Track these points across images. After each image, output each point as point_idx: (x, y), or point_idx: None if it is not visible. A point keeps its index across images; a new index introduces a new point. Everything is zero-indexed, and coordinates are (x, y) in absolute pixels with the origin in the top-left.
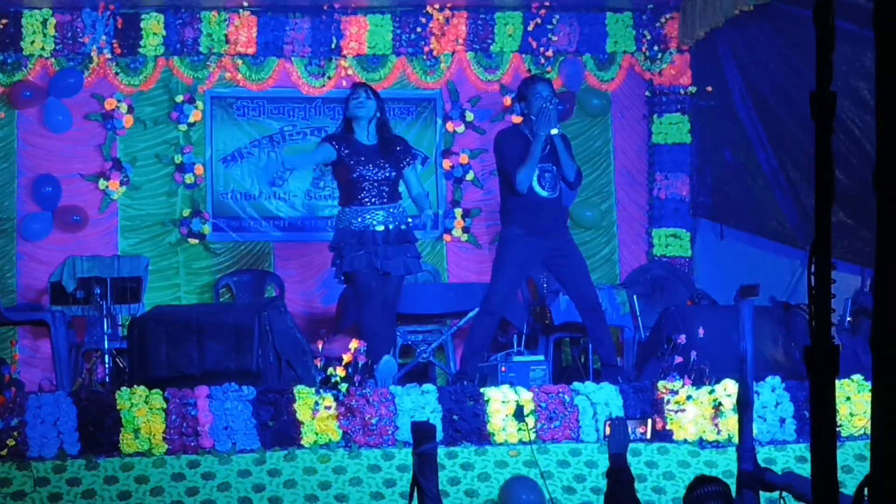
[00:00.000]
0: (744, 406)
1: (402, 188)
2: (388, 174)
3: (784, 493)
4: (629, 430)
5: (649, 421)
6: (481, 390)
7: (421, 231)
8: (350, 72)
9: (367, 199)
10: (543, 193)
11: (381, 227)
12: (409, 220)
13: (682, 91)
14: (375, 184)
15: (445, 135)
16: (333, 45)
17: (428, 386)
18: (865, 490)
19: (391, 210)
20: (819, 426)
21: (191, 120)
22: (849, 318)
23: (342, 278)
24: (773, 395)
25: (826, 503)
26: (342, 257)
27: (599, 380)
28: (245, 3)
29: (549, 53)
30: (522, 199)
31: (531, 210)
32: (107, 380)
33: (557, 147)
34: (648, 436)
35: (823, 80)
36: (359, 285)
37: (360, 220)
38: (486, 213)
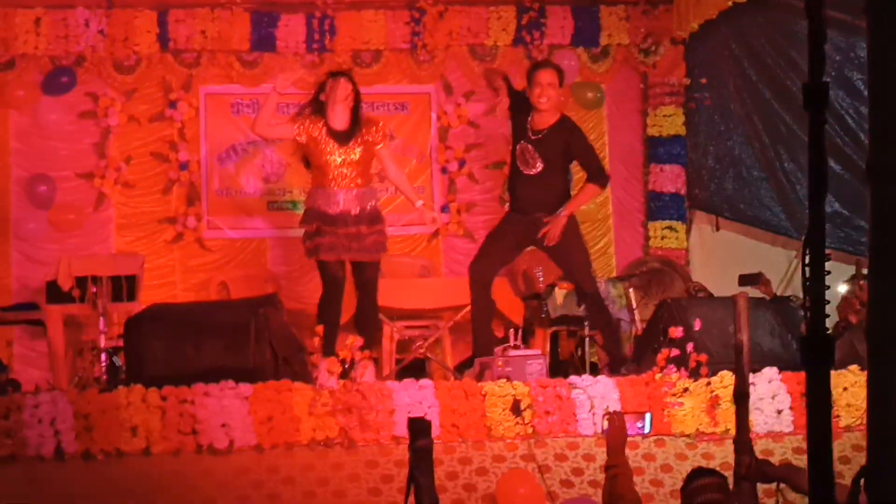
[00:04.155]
0: (740, 397)
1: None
2: (357, 157)
3: (781, 485)
4: (626, 423)
5: (648, 416)
6: (478, 384)
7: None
8: (344, 68)
9: (336, 183)
10: (523, 170)
11: (351, 211)
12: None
13: (676, 83)
14: (344, 168)
15: (440, 129)
16: (327, 42)
17: (425, 381)
18: (862, 480)
19: (362, 193)
20: (815, 416)
21: (185, 117)
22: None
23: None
24: (769, 385)
25: (823, 493)
26: (313, 240)
27: (597, 373)
28: (238, 0)
29: (543, 46)
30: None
31: (516, 187)
32: (104, 378)
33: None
34: (647, 430)
35: (815, 70)
36: (324, 273)
37: (328, 202)
38: (482, 207)
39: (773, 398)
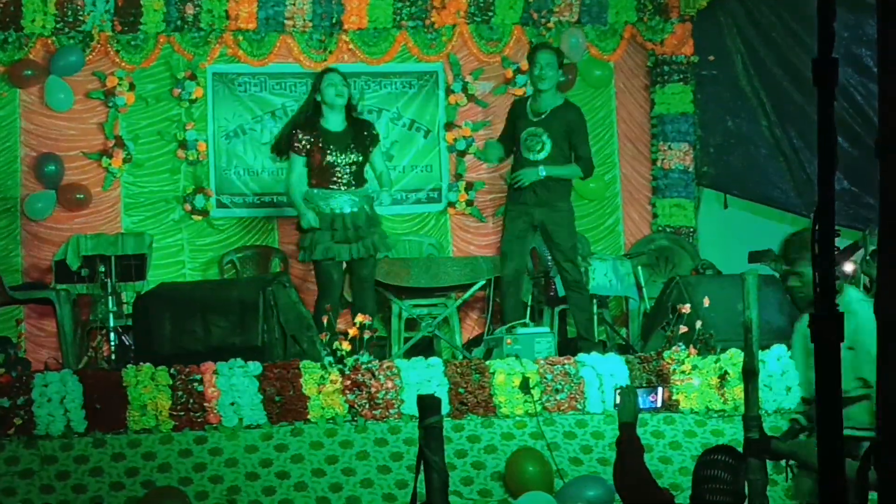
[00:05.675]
0: (749, 375)
1: (368, 172)
2: (355, 158)
3: (790, 461)
4: (638, 398)
5: (660, 390)
6: (487, 363)
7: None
8: (351, 46)
9: (335, 184)
10: (528, 157)
11: (349, 211)
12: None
13: (684, 60)
14: (343, 169)
15: (448, 108)
16: (334, 20)
17: (433, 359)
18: (871, 456)
19: (359, 194)
20: (824, 393)
21: (192, 96)
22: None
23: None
24: (778, 363)
25: (832, 470)
26: (313, 242)
27: (605, 351)
28: None
29: (551, 25)
30: (515, 165)
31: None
32: (112, 357)
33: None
34: (659, 405)
35: (825, 46)
36: (321, 275)
37: (327, 203)
38: (490, 185)
39: (782, 375)
